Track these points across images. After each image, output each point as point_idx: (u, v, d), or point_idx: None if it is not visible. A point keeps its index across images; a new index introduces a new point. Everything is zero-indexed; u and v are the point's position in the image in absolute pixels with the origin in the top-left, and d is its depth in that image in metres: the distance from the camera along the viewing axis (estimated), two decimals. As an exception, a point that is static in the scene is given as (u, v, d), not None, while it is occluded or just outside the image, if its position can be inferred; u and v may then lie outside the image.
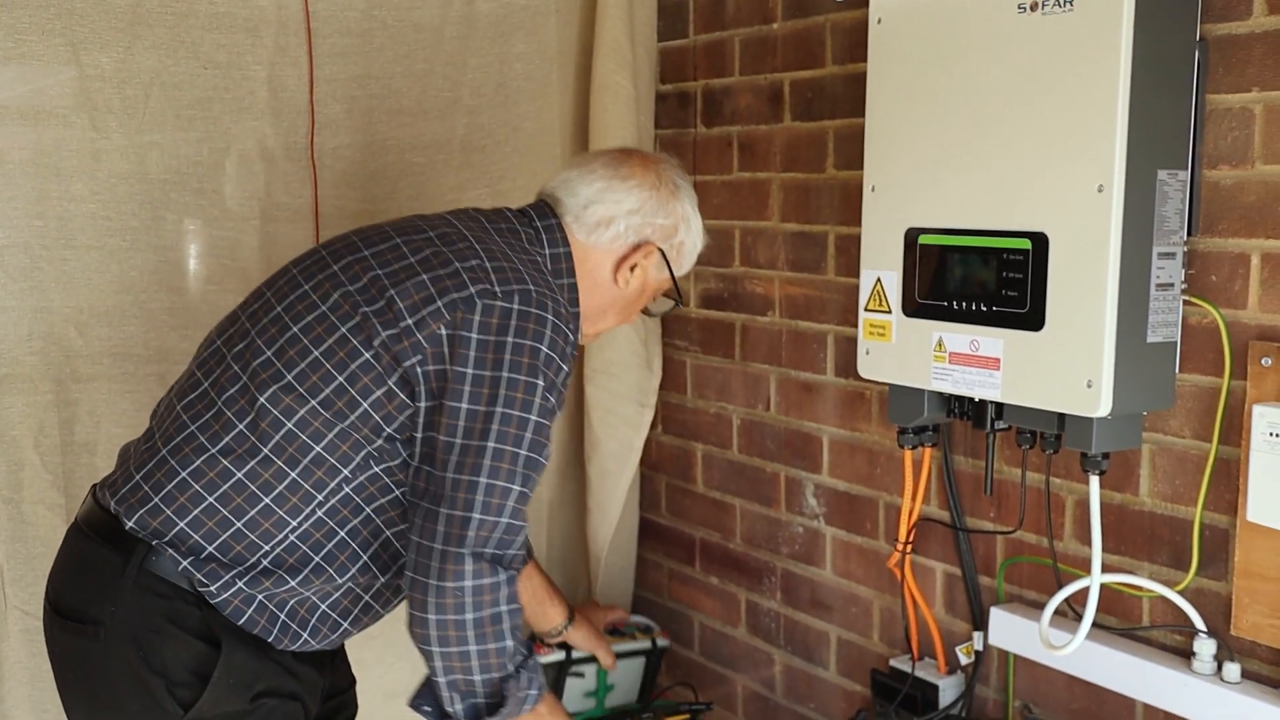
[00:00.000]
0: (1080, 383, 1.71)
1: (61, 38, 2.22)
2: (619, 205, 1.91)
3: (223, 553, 1.72)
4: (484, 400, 1.66)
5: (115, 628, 1.71)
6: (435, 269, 1.72)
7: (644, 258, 1.95)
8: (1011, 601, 2.14)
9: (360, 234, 1.87)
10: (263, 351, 1.74)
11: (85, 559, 1.78)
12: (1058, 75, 1.71)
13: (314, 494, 1.72)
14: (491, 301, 1.69)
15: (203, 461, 1.72)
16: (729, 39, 2.64)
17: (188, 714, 1.70)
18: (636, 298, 2.00)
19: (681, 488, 2.90)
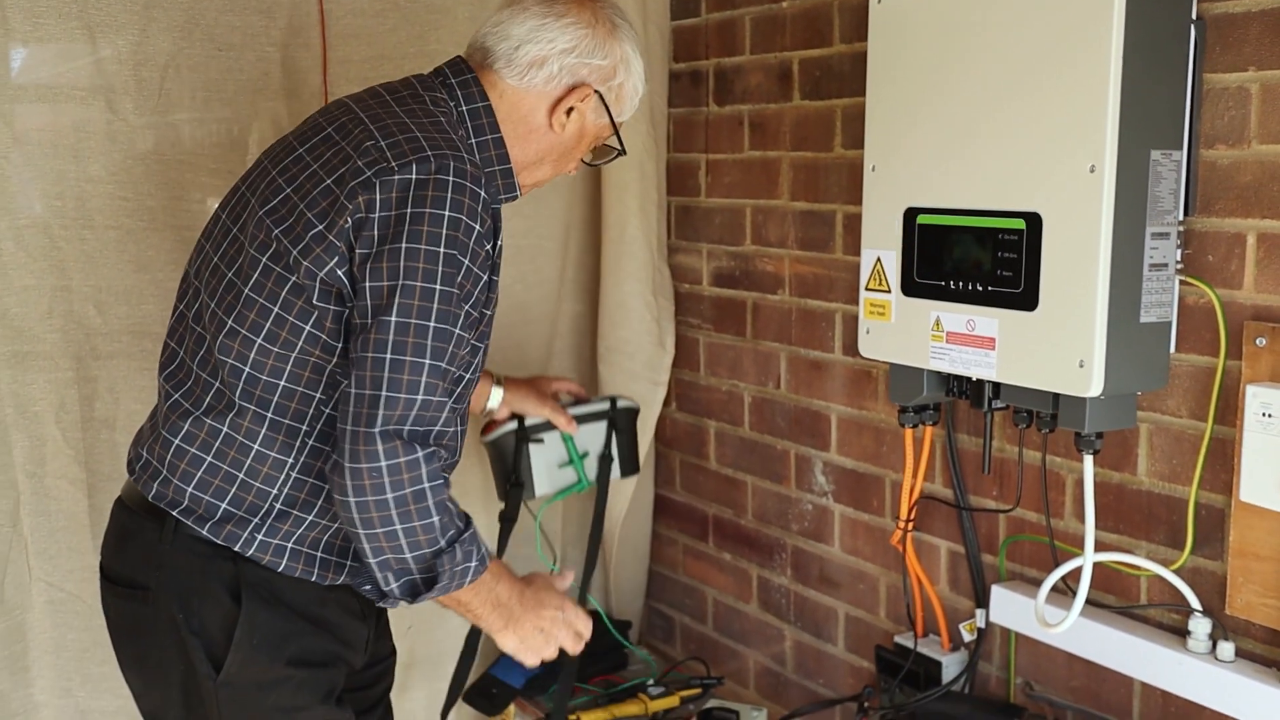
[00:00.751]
0: (1073, 363, 1.71)
1: (78, 21, 2.25)
2: (552, 45, 1.80)
3: (236, 507, 1.73)
4: (384, 275, 1.60)
5: (160, 591, 1.74)
6: (336, 167, 1.67)
7: (580, 100, 1.83)
8: (1013, 579, 2.15)
9: (269, 154, 1.82)
10: (209, 305, 1.74)
11: (127, 529, 1.83)
12: (1052, 57, 1.71)
13: (298, 426, 1.72)
14: (389, 177, 1.62)
15: (190, 425, 1.74)
16: (740, 18, 2.64)
17: (219, 675, 1.72)
18: (574, 144, 1.89)
19: (695, 464, 2.93)
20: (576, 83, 1.83)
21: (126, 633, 1.84)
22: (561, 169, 1.94)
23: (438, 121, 1.74)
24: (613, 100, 1.87)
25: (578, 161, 1.96)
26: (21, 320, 2.28)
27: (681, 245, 2.87)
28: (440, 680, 2.77)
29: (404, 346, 1.59)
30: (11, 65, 2.21)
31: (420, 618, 2.71)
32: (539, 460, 2.54)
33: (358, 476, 1.59)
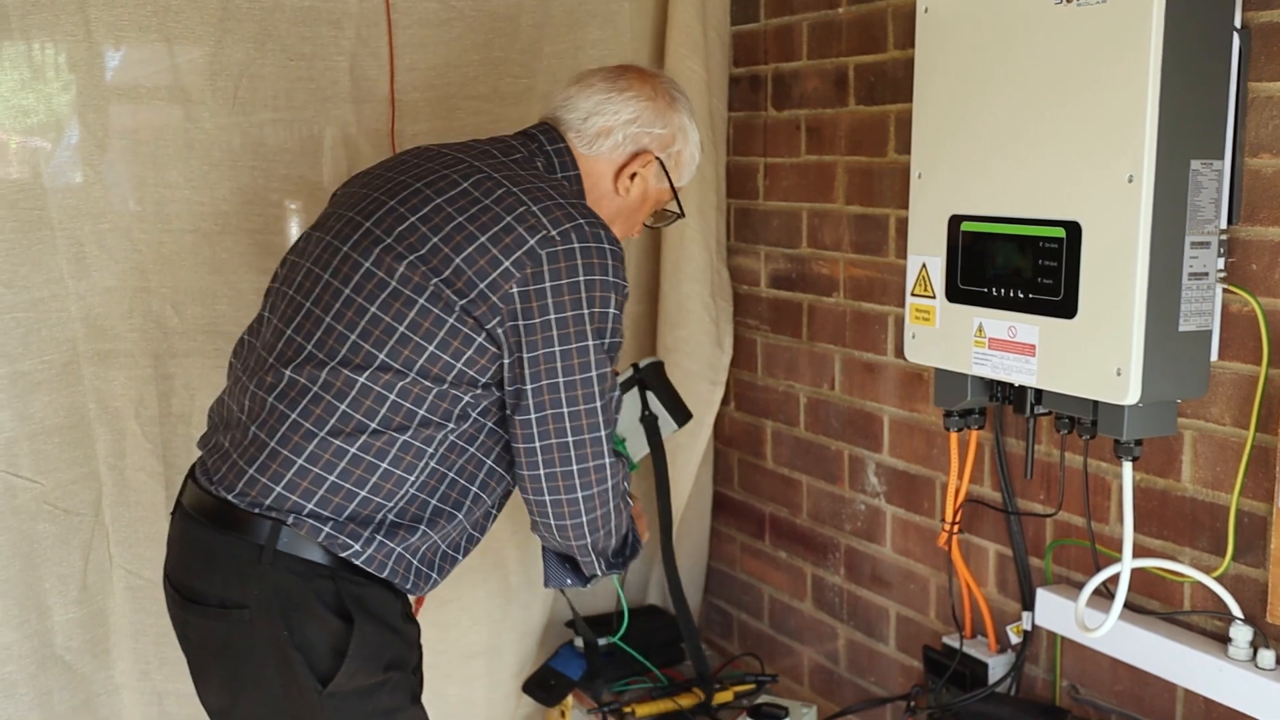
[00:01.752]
0: (1110, 370, 1.73)
1: (157, 33, 2.36)
2: (617, 116, 1.98)
3: (352, 519, 1.80)
4: (573, 337, 1.78)
5: (259, 610, 1.79)
6: (490, 227, 1.78)
7: (643, 166, 2.00)
8: (1059, 583, 2.17)
9: (383, 188, 1.90)
10: (345, 335, 1.79)
11: (212, 548, 1.84)
12: (1091, 66, 1.73)
13: (424, 449, 1.81)
14: (553, 248, 1.76)
15: (315, 446, 1.79)
16: (798, 23, 2.68)
17: (326, 688, 1.78)
18: (638, 207, 2.05)
19: (752, 463, 2.97)
20: (639, 150, 2.00)
21: (215, 651, 1.87)
22: (628, 232, 2.10)
23: (562, 187, 1.90)
24: (672, 166, 2.04)
25: (641, 224, 2.12)
26: (104, 319, 2.40)
27: (740, 247, 2.92)
28: (500, 671, 2.85)
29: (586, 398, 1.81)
30: (95, 74, 2.32)
31: (475, 615, 2.79)
32: None
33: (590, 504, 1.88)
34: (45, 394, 2.34)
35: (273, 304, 1.94)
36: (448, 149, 1.97)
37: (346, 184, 2.05)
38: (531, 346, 1.77)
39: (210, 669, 1.90)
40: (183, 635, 1.94)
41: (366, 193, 1.92)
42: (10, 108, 2.26)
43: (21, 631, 2.36)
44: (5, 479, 2.30)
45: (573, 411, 1.80)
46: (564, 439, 1.81)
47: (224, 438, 1.90)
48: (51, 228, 2.31)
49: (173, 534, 1.96)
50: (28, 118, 2.28)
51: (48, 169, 2.30)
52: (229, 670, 1.86)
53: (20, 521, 2.34)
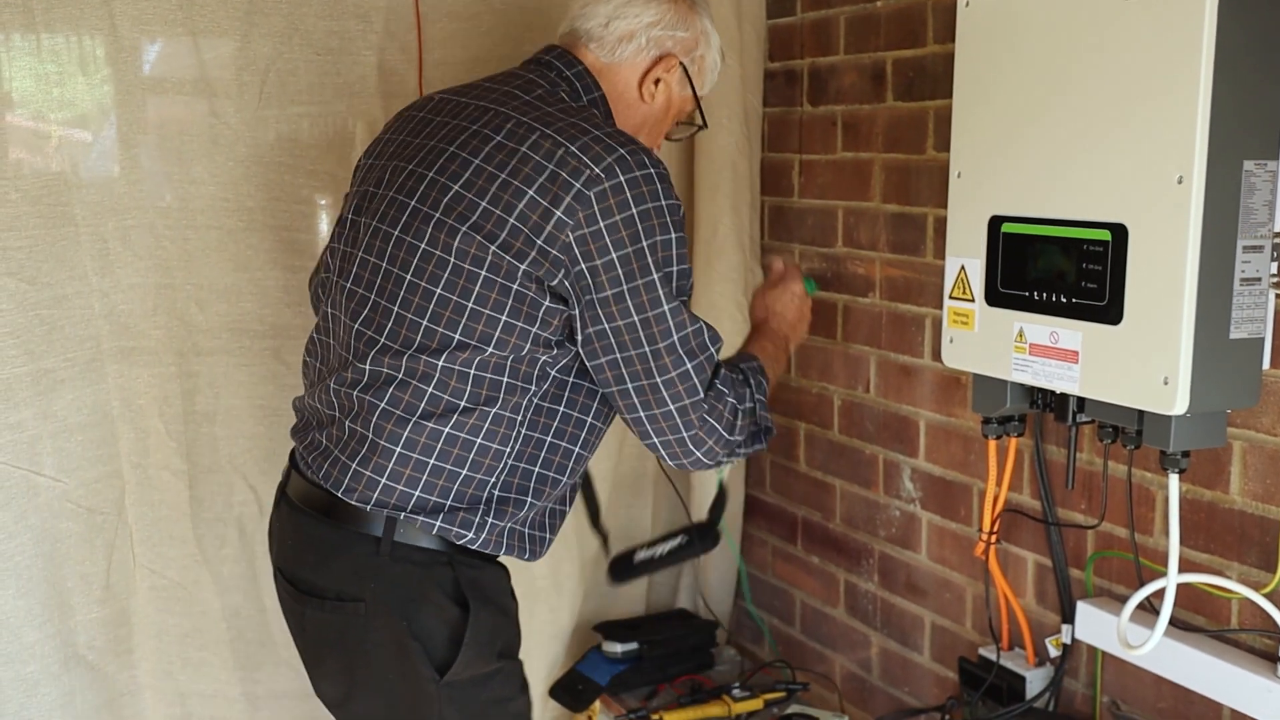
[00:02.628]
0: (1157, 379, 1.66)
1: (183, 27, 2.33)
2: (639, 19, 1.92)
3: (460, 500, 1.78)
4: (637, 274, 1.71)
5: (377, 603, 1.77)
6: (534, 179, 1.71)
7: (666, 71, 1.94)
8: (1101, 595, 2.10)
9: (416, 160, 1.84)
10: (417, 323, 1.76)
11: (328, 542, 1.83)
12: (1140, 62, 1.66)
13: (514, 417, 1.78)
14: (600, 187, 1.69)
15: (410, 432, 1.76)
16: (835, 17, 2.62)
17: (444, 677, 1.77)
18: (663, 116, 1.99)
19: (785, 466, 2.91)
20: (662, 54, 1.93)
21: (331, 644, 1.87)
22: (653, 142, 2.01)
23: (592, 115, 1.82)
24: (695, 72, 1.97)
25: (662, 135, 2.04)
26: (128, 317, 2.37)
27: (775, 245, 2.86)
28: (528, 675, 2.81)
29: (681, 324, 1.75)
30: (120, 68, 2.29)
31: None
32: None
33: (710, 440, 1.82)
34: (69, 392, 2.32)
35: (334, 299, 1.91)
36: (468, 99, 1.88)
37: (372, 155, 1.98)
38: (599, 288, 1.72)
39: (327, 660, 1.90)
40: (299, 628, 1.93)
41: (402, 165, 1.86)
42: (33, 103, 2.23)
43: (44, 631, 2.33)
44: (28, 477, 2.28)
45: (654, 350, 1.74)
46: (652, 379, 1.75)
47: (320, 435, 1.88)
48: (75, 224, 2.28)
49: (282, 526, 1.96)
50: (51, 113, 2.25)
51: (71, 165, 2.28)
52: (346, 662, 1.85)
53: (43, 520, 2.31)
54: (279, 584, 1.97)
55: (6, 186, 2.19)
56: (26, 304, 2.24)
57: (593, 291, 1.72)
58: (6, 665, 2.29)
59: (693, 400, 1.77)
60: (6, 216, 2.20)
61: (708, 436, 1.80)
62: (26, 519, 2.29)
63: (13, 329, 2.23)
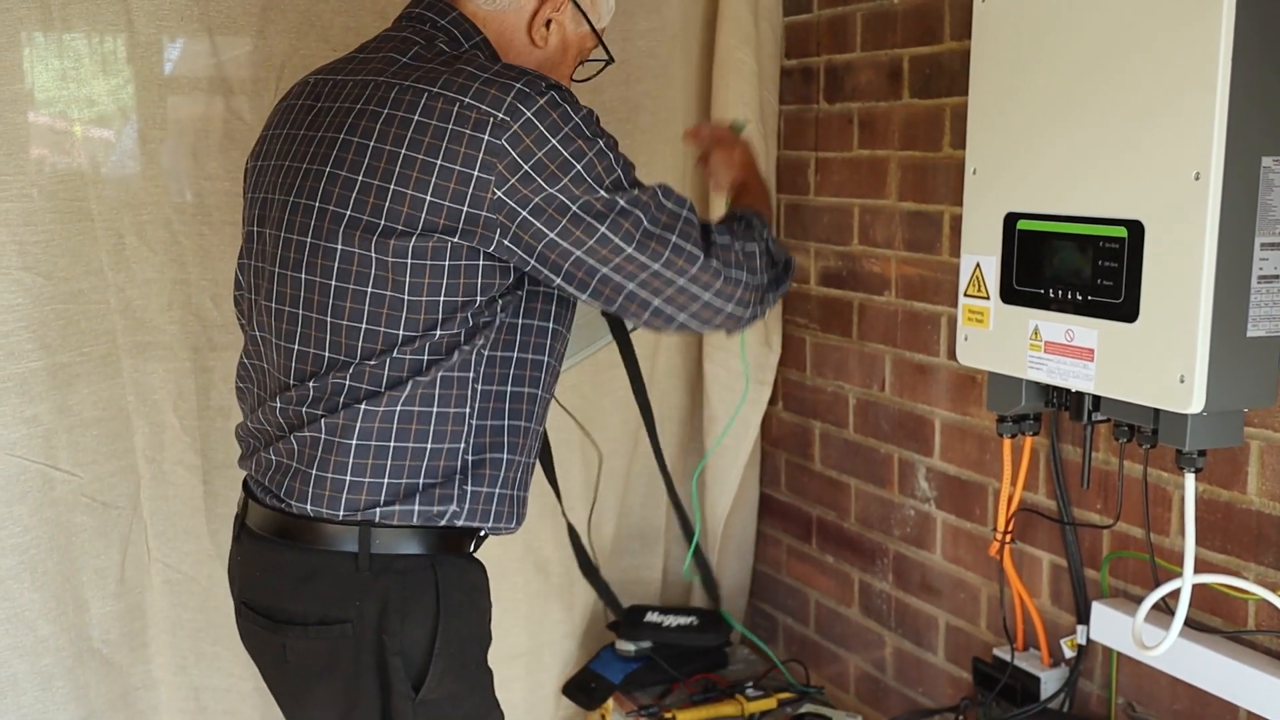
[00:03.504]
0: (1173, 377, 1.65)
1: (199, 22, 2.33)
2: None
3: (433, 475, 1.69)
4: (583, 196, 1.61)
5: (362, 620, 1.68)
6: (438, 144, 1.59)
7: (555, 11, 1.80)
8: (1116, 596, 2.08)
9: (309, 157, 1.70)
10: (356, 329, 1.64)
11: (304, 566, 1.73)
12: (1158, 59, 1.64)
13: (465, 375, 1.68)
14: (510, 130, 1.58)
15: (363, 420, 1.65)
16: (851, 14, 2.60)
17: (419, 694, 1.68)
18: (560, 58, 1.85)
19: (800, 465, 2.90)
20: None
21: (316, 674, 1.74)
22: None
23: (475, 59, 1.69)
24: (588, 5, 1.85)
25: (568, 78, 1.90)
26: (143, 311, 2.37)
27: (790, 243, 2.85)
28: (540, 673, 2.82)
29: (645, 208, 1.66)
30: (136, 65, 2.30)
31: (515, 616, 2.75)
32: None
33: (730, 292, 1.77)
34: (84, 386, 2.33)
35: (260, 320, 1.79)
36: (345, 76, 1.75)
37: (259, 156, 1.85)
38: (553, 225, 1.61)
39: (315, 689, 1.76)
40: (279, 660, 1.79)
41: (294, 165, 1.72)
42: (48, 99, 2.24)
43: (59, 624, 2.34)
44: (43, 471, 2.29)
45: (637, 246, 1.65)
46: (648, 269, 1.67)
47: (270, 453, 1.76)
48: (91, 219, 2.29)
49: (246, 558, 1.84)
50: (66, 109, 2.26)
51: (88, 161, 2.28)
52: (335, 688, 1.73)
53: (58, 514, 2.32)
54: (247, 619, 1.84)
55: (25, 183, 2.20)
56: (43, 298, 2.25)
57: (548, 232, 1.61)
58: (22, 658, 2.30)
59: (698, 264, 1.70)
60: (24, 212, 2.21)
61: (732, 287, 1.75)
62: (42, 513, 2.30)
63: (29, 323, 2.24)
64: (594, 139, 1.63)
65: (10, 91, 2.18)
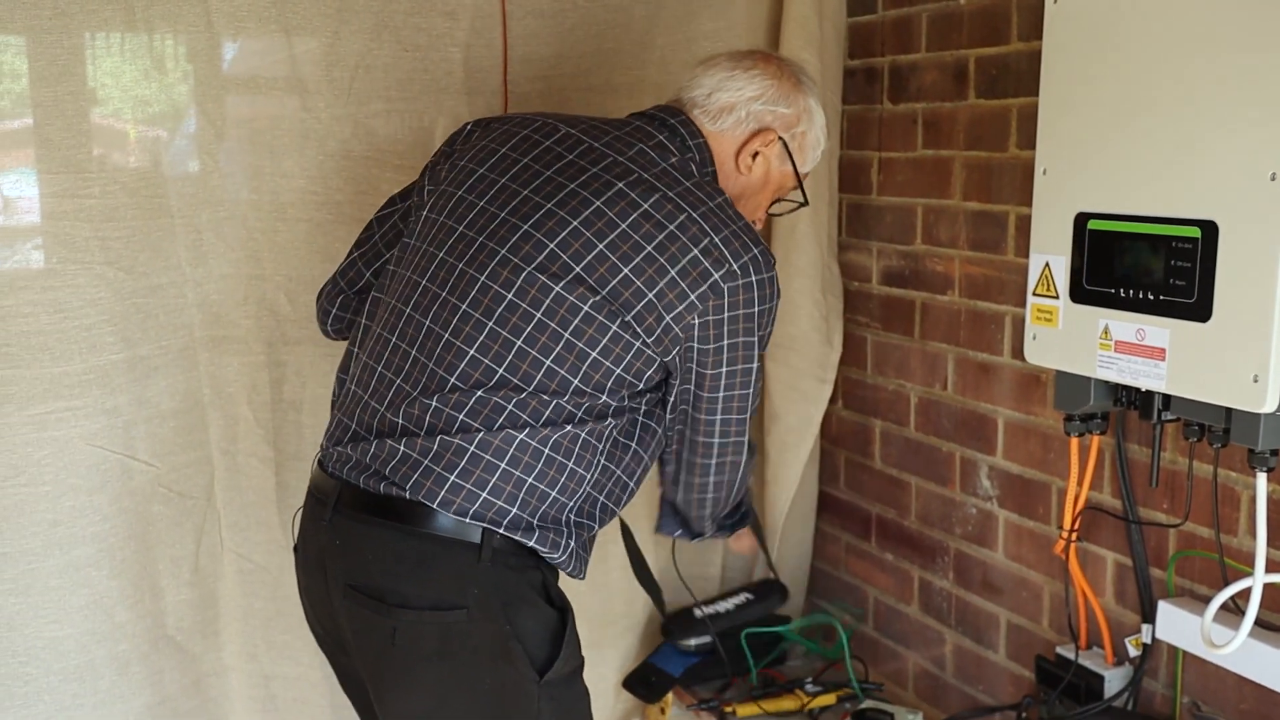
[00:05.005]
0: (1247, 377, 1.66)
1: (276, 24, 2.38)
2: (741, 92, 1.98)
3: (544, 520, 1.82)
4: (728, 361, 1.87)
5: (479, 607, 1.78)
6: (679, 259, 1.80)
7: (765, 145, 1.99)
8: (1182, 595, 2.09)
9: (507, 171, 1.90)
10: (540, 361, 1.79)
11: (424, 552, 1.80)
12: (1231, 56, 1.65)
13: (597, 445, 1.86)
14: (734, 283, 1.81)
15: (515, 449, 1.79)
16: (917, 15, 2.62)
17: (544, 676, 1.79)
18: (760, 189, 2.05)
19: (860, 463, 2.92)
20: (761, 128, 1.99)
21: (428, 655, 1.81)
22: (751, 214, 2.06)
23: (725, 203, 1.89)
24: (795, 148, 2.03)
25: (765, 211, 2.10)
26: (219, 306, 2.43)
27: (852, 243, 2.86)
28: (601, 666, 2.84)
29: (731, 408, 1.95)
30: (215, 64, 2.35)
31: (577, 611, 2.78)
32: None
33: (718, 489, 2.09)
34: (162, 379, 2.38)
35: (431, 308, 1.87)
36: (598, 144, 1.92)
37: (475, 160, 1.96)
38: (705, 365, 1.87)
39: (419, 672, 1.83)
40: (386, 643, 1.82)
41: (526, 195, 1.88)
42: (132, 98, 2.30)
43: (136, 611, 2.40)
44: (123, 461, 2.35)
45: (734, 420, 1.95)
46: (720, 440, 1.97)
47: (397, 444, 1.83)
48: (171, 215, 2.35)
49: (344, 541, 1.87)
50: (148, 107, 2.32)
51: (167, 157, 2.34)
52: (443, 670, 1.81)
53: (136, 504, 2.38)
54: (353, 602, 1.85)
55: (106, 180, 2.26)
56: (124, 293, 2.31)
57: (697, 366, 1.87)
58: (100, 644, 2.36)
59: (734, 459, 2.04)
60: (106, 208, 2.27)
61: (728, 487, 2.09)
62: (120, 502, 2.36)
63: (111, 317, 2.30)
64: (772, 318, 1.91)
65: (95, 91, 2.25)
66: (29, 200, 2.24)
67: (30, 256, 2.26)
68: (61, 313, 2.26)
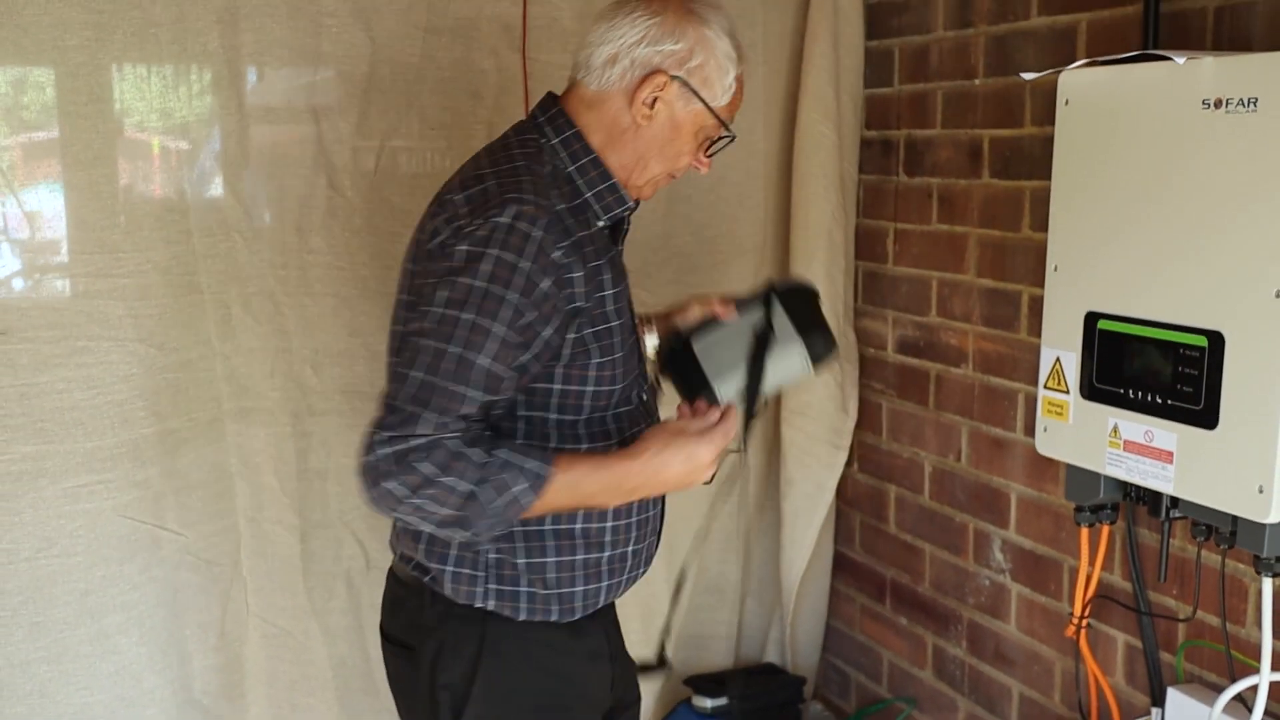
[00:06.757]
0: (1252, 486, 1.69)
1: (304, 105, 2.44)
2: (621, 40, 1.78)
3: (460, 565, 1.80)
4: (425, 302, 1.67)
5: (421, 650, 1.83)
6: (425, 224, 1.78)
7: (660, 89, 1.78)
8: (1191, 682, 2.12)
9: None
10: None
11: (398, 596, 1.92)
12: (1238, 175, 1.69)
13: None
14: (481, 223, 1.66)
15: None
16: (932, 91, 2.66)
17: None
18: (672, 137, 1.82)
19: (875, 526, 2.95)
20: (649, 71, 1.78)
21: (397, 689, 1.97)
22: (675, 165, 1.87)
23: (516, 167, 1.76)
24: (698, 84, 1.80)
25: (691, 156, 1.87)
26: (247, 379, 2.48)
27: (868, 310, 2.90)
28: None
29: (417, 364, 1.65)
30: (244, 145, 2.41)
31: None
32: (708, 362, 2.00)
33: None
34: (191, 450, 2.44)
35: None
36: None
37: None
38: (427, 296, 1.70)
39: (398, 703, 1.98)
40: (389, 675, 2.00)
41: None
42: (163, 181, 2.35)
43: (164, 676, 2.46)
44: (152, 531, 2.40)
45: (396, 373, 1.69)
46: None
47: None
48: (201, 293, 2.40)
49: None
50: (180, 190, 2.37)
51: (198, 237, 2.39)
52: (404, 705, 1.95)
53: (165, 572, 2.43)
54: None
55: (141, 260, 2.32)
56: (155, 368, 2.36)
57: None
58: (128, 709, 2.41)
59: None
60: (139, 287, 2.32)
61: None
62: (150, 570, 2.41)
63: (142, 392, 2.35)
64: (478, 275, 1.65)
65: (129, 175, 2.30)
66: (62, 281, 2.30)
67: (65, 333, 2.31)
68: (95, 389, 2.31)
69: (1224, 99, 1.70)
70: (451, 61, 2.54)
